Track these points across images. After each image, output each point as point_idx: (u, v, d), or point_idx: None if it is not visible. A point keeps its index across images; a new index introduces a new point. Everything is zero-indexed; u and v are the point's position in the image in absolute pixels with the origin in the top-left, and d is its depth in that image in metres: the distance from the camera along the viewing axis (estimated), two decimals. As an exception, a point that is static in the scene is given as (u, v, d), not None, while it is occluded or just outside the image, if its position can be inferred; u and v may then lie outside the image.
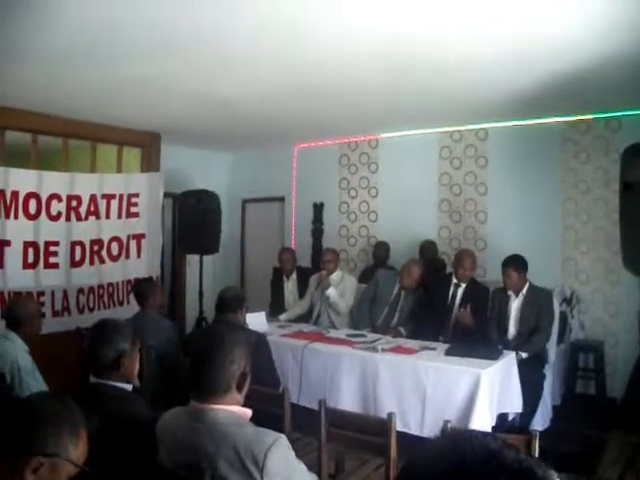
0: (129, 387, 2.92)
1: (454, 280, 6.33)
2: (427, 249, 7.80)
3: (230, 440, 2.20)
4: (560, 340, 6.50)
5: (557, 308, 6.36)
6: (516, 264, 5.86)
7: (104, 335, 2.87)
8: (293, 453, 2.29)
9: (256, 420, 3.66)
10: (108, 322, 3.01)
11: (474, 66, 5.10)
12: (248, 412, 2.38)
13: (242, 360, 2.36)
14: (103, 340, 2.84)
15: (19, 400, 2.63)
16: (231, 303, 4.61)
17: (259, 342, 4.47)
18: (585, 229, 7.16)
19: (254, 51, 4.79)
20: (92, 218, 7.16)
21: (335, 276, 6.88)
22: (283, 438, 2.23)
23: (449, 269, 7.30)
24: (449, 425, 3.01)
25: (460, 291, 6.28)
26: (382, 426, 3.19)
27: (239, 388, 2.35)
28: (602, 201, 6.83)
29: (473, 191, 7.98)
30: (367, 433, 3.37)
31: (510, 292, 5.92)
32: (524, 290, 5.88)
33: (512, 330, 5.91)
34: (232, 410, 2.31)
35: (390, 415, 3.13)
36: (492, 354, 5.05)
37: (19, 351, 4.12)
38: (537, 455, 2.95)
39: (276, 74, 5.41)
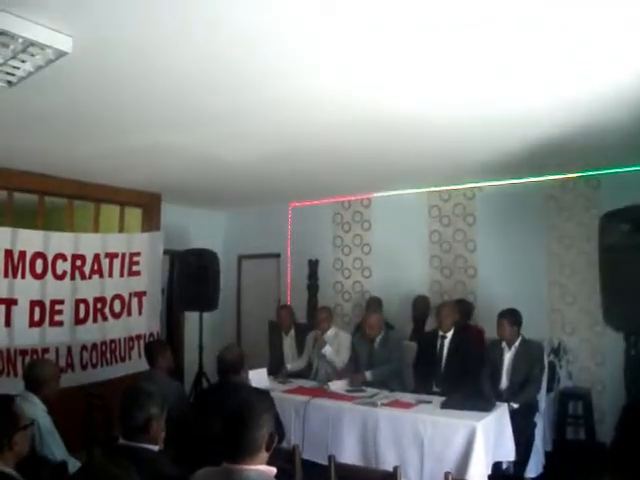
0: (156, 448, 3.10)
1: (440, 333, 6.54)
2: (419, 303, 7.97)
3: None
4: (549, 389, 6.67)
5: (546, 358, 6.57)
6: (510, 317, 6.11)
7: (136, 399, 3.07)
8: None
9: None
10: (140, 387, 3.21)
11: (461, 130, 5.37)
12: (273, 470, 2.59)
13: (270, 422, 2.59)
14: (135, 404, 3.05)
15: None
16: (233, 365, 4.74)
17: (266, 398, 4.64)
18: (570, 282, 7.40)
19: (260, 124, 5.12)
20: (96, 277, 7.30)
21: (330, 333, 7.01)
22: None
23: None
24: (450, 477, 3.20)
25: (447, 342, 6.49)
26: (388, 479, 3.37)
27: (267, 449, 2.57)
28: (585, 255, 7.07)
29: (462, 248, 8.19)
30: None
31: (504, 344, 6.13)
32: (517, 343, 6.09)
33: (504, 381, 6.11)
34: (261, 469, 2.52)
35: (396, 468, 3.31)
36: (486, 406, 5.23)
37: (38, 411, 4.22)
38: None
39: (274, 140, 5.70)
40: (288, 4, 2.97)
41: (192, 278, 7.89)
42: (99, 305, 7.36)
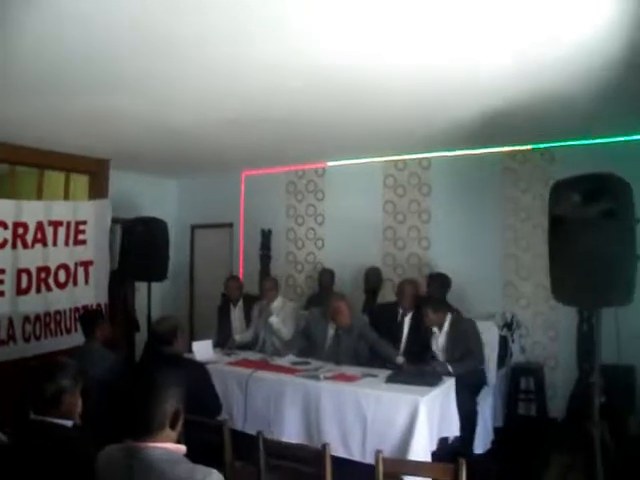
0: (69, 424, 2.91)
1: (400, 310, 6.42)
2: (371, 275, 7.89)
3: (164, 477, 2.24)
4: (501, 364, 6.63)
5: (497, 333, 6.51)
6: (431, 305, 5.96)
7: (46, 371, 2.88)
8: (227, 487, 2.34)
9: (200, 451, 3.70)
10: (49, 359, 3.02)
11: (414, 97, 5.23)
12: (182, 448, 2.41)
13: (174, 399, 2.40)
14: (44, 376, 2.85)
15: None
16: (166, 336, 4.60)
17: (198, 371, 4.51)
18: (525, 256, 7.35)
19: (208, 90, 4.94)
20: (39, 245, 7.03)
21: (276, 303, 6.94)
22: (214, 474, 2.28)
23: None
24: (381, 455, 3.06)
25: (407, 320, 6.39)
26: (318, 456, 3.23)
27: (172, 426, 2.39)
28: (541, 229, 6.96)
29: (417, 219, 8.10)
30: (305, 463, 3.42)
31: (434, 329, 5.97)
32: (446, 325, 5.94)
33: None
34: (166, 447, 2.34)
35: (324, 446, 3.17)
36: (432, 381, 5.13)
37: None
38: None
39: (223, 106, 5.50)
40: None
41: (140, 247, 7.65)
42: (43, 275, 7.11)
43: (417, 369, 5.51)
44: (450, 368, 5.54)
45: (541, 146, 7.21)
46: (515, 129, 6.45)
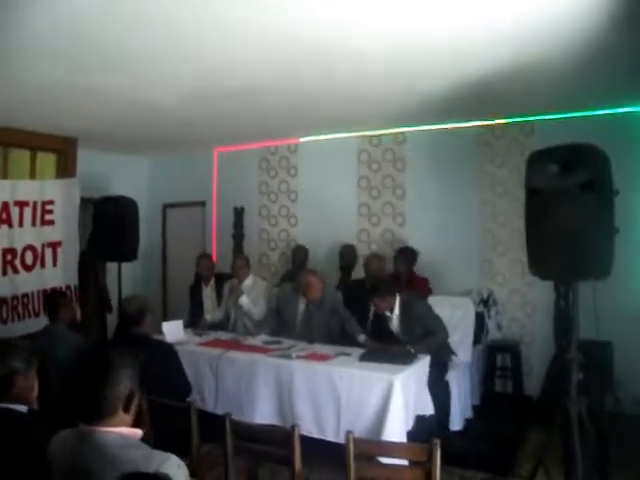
0: (24, 409, 2.81)
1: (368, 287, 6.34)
2: (346, 252, 7.84)
3: (117, 463, 2.13)
4: (477, 341, 6.61)
5: (473, 309, 6.50)
6: (380, 292, 5.75)
7: None
8: (186, 472, 2.23)
9: (168, 435, 3.62)
10: (1, 341, 2.90)
11: (385, 70, 5.12)
12: (138, 432, 2.30)
13: (128, 380, 2.28)
14: None
15: None
16: (134, 316, 4.51)
17: (166, 352, 4.41)
18: (502, 231, 7.29)
19: (168, 57, 4.74)
20: (4, 226, 6.85)
21: (247, 282, 6.84)
22: (172, 459, 2.17)
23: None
24: (351, 436, 2.97)
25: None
26: (288, 437, 3.14)
27: (126, 409, 2.28)
28: (518, 203, 6.77)
29: (391, 194, 8.04)
30: (275, 445, 3.33)
31: (387, 312, 5.79)
32: (396, 308, 5.78)
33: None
34: (119, 432, 2.23)
35: (294, 426, 3.08)
36: (406, 359, 5.06)
37: None
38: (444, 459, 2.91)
39: (190, 77, 5.34)
40: None
41: (110, 227, 7.51)
42: (9, 257, 6.93)
43: (383, 349, 5.42)
44: (412, 350, 5.38)
45: (520, 119, 7.12)
46: (493, 101, 6.34)
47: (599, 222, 3.56)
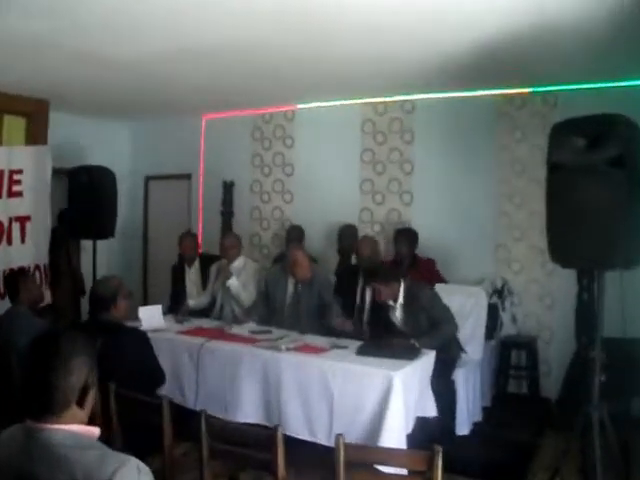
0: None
1: (361, 275, 6.30)
2: (346, 234, 7.76)
3: (67, 466, 2.02)
4: (490, 335, 6.55)
5: (485, 300, 6.43)
6: (383, 277, 5.67)
7: None
8: (149, 478, 2.12)
9: (139, 432, 3.54)
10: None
11: (395, 29, 5.03)
12: (94, 431, 2.19)
13: (82, 371, 2.16)
14: None
15: None
16: (104, 300, 4.40)
17: (137, 340, 4.33)
18: (520, 213, 7.22)
19: (147, 7, 4.64)
20: (-32, 198, 6.86)
21: (237, 264, 6.77)
22: (131, 462, 2.05)
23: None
24: (342, 440, 2.88)
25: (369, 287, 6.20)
26: (270, 439, 3.05)
27: (80, 404, 2.16)
28: (537, 183, 6.77)
29: (398, 170, 7.96)
30: (256, 447, 3.24)
31: (390, 302, 5.72)
32: (400, 297, 5.70)
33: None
34: (72, 430, 2.12)
35: (277, 427, 3.00)
36: (409, 354, 4.97)
37: None
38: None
39: (174, 32, 5.26)
40: None
41: (84, 201, 7.44)
42: (-27, 232, 6.92)
43: (382, 343, 5.31)
44: (416, 344, 5.27)
45: (542, 89, 7.03)
46: (513, 68, 6.26)
47: (629, 203, 3.50)
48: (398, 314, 5.72)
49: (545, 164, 3.89)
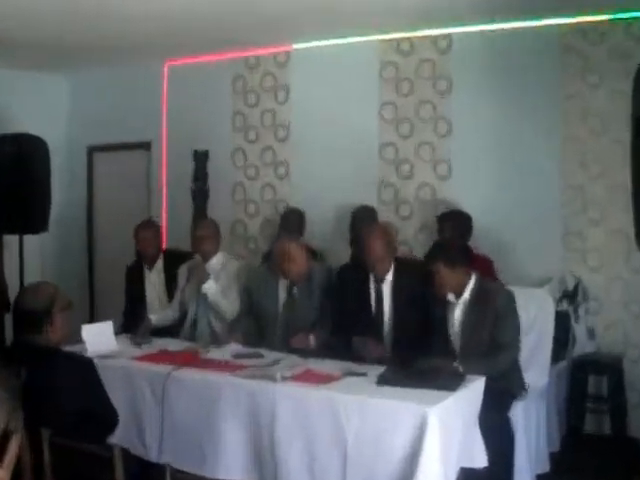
0: None
1: (372, 276, 6.26)
2: (362, 219, 7.69)
3: None
4: (559, 355, 6.56)
5: (552, 308, 6.40)
6: (446, 255, 5.66)
7: None
8: None
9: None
10: None
11: None
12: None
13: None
14: None
15: None
16: (33, 316, 4.34)
17: (79, 372, 4.32)
18: (596, 187, 7.23)
19: None
20: None
21: (215, 262, 6.80)
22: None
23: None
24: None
25: (387, 288, 6.16)
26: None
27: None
28: (621, 146, 6.79)
29: (430, 130, 7.99)
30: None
31: (451, 297, 5.74)
32: (468, 290, 5.71)
33: (457, 349, 5.77)
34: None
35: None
36: (449, 383, 4.93)
37: None
38: None
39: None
40: None
41: (6, 182, 7.47)
42: None
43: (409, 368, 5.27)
44: (460, 368, 5.26)
45: (626, 16, 7.00)
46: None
47: None
48: (458, 315, 5.72)
49: (630, 119, 3.87)
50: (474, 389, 5.04)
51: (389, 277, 6.14)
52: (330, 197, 8.25)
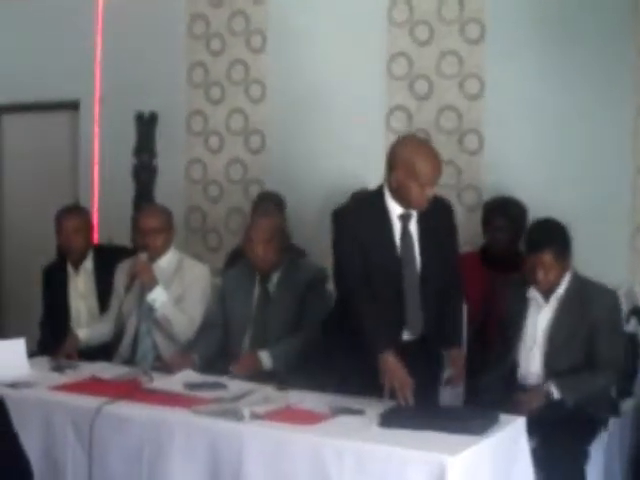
0: None
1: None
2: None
3: None
4: (626, 388, 6.56)
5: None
6: (557, 243, 5.72)
7: None
8: None
9: None
10: None
11: None
12: None
13: None
14: None
15: None
16: None
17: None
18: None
19: None
20: None
21: (166, 263, 6.83)
22: None
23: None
24: None
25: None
26: None
27: None
28: None
29: (456, 90, 8.01)
30: None
31: (534, 294, 5.82)
32: (561, 288, 5.78)
33: (535, 365, 5.85)
34: None
35: None
36: (472, 423, 4.91)
37: None
38: None
39: None
40: None
41: None
42: None
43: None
44: (555, 390, 5.38)
45: None
46: None
47: None
48: (545, 318, 5.79)
49: None
50: (509, 432, 5.02)
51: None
52: (320, 178, 8.30)
